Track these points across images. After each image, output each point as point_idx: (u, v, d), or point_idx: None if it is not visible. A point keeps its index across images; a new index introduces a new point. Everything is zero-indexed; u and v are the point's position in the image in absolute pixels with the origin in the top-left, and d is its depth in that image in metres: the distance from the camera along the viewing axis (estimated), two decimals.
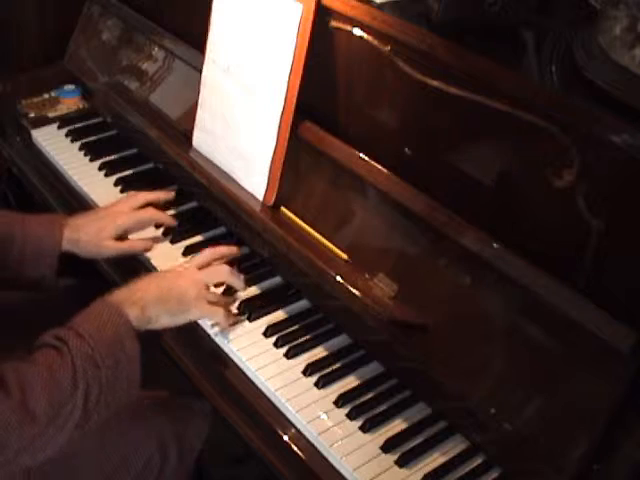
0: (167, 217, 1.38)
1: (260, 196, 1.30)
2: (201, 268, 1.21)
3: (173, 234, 1.38)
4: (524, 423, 0.96)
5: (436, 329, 1.06)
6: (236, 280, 1.22)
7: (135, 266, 1.35)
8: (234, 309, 1.22)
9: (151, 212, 1.36)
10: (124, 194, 1.49)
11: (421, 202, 1.09)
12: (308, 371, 1.13)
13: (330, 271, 1.12)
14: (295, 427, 1.07)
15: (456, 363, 1.04)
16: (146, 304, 1.09)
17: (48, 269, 1.29)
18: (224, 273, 1.21)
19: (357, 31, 1.17)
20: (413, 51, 1.09)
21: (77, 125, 1.69)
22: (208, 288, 1.18)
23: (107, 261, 1.38)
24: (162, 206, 1.45)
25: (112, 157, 1.60)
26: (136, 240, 1.34)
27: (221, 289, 1.24)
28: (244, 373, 1.14)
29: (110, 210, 1.35)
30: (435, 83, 1.06)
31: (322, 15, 1.18)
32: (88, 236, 1.30)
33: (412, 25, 1.11)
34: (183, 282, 1.15)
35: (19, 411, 0.93)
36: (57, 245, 1.28)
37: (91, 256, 1.32)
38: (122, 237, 1.34)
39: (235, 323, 1.20)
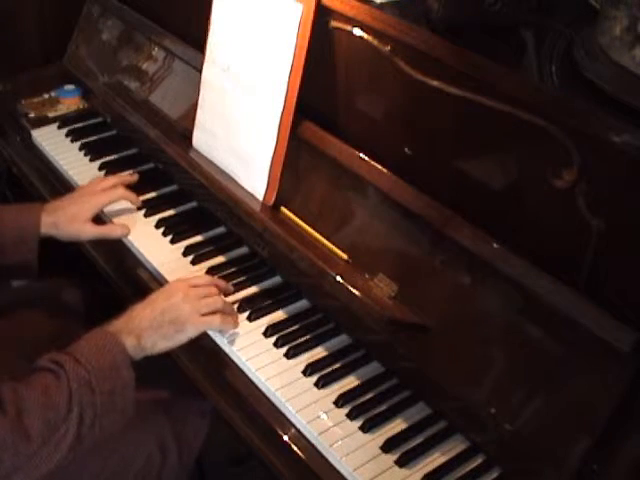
0: (134, 196, 1.43)
1: (260, 196, 1.30)
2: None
3: (173, 234, 1.38)
4: (524, 423, 0.96)
5: (436, 329, 1.06)
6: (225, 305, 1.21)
7: (136, 267, 1.35)
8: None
9: (121, 192, 1.42)
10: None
11: (421, 202, 1.09)
12: (308, 371, 1.13)
13: (330, 271, 1.12)
14: (295, 427, 1.07)
15: (456, 363, 1.04)
16: (141, 333, 1.10)
17: (29, 254, 1.32)
18: (214, 289, 1.21)
19: (357, 31, 1.17)
20: (413, 51, 1.09)
21: (77, 125, 1.69)
22: (201, 300, 1.17)
23: (109, 265, 1.38)
24: (161, 205, 1.45)
25: (112, 157, 1.61)
26: (115, 225, 1.39)
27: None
28: (244, 373, 1.14)
29: (84, 191, 1.40)
30: (435, 83, 1.06)
31: (322, 15, 1.18)
32: (66, 217, 1.33)
33: (412, 25, 1.11)
34: (175, 301, 1.14)
35: (15, 430, 0.94)
36: (36, 229, 1.31)
37: (71, 238, 1.36)
38: (99, 217, 1.38)
39: (236, 324, 1.19)
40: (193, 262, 1.33)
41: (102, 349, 1.05)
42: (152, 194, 1.50)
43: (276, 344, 1.17)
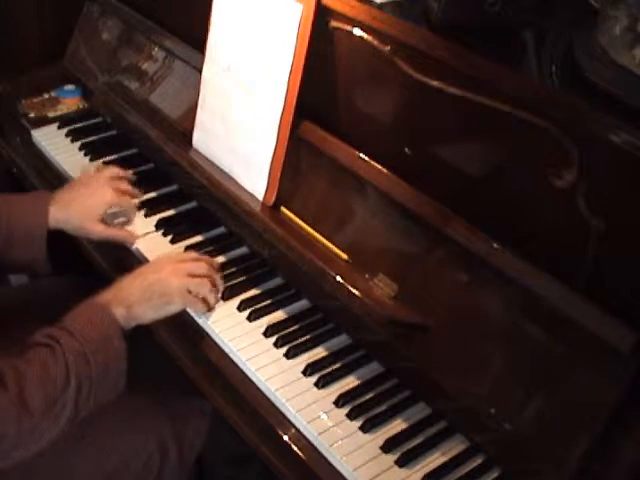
0: (138, 192, 1.43)
1: (260, 196, 1.30)
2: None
3: (173, 234, 1.39)
4: (524, 423, 0.96)
5: (436, 329, 1.06)
6: (215, 276, 1.24)
7: (135, 267, 1.35)
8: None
9: (130, 201, 1.41)
10: None
11: (421, 202, 1.09)
12: (308, 371, 1.13)
13: (330, 271, 1.12)
14: (295, 427, 1.07)
15: (456, 363, 1.04)
16: (131, 303, 1.13)
17: (37, 250, 1.31)
18: (204, 267, 1.23)
19: (357, 31, 1.17)
20: (413, 51, 1.09)
21: (77, 125, 1.69)
22: (190, 277, 1.19)
23: (106, 262, 1.39)
24: (161, 205, 1.45)
25: (112, 157, 1.60)
26: (125, 231, 1.38)
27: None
28: (244, 373, 1.14)
29: (94, 186, 1.37)
30: (435, 83, 1.06)
31: (322, 15, 1.18)
32: (78, 214, 1.33)
33: (412, 25, 1.11)
34: (164, 274, 1.17)
35: (17, 404, 0.97)
36: (44, 224, 1.30)
37: (79, 234, 1.36)
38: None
39: (217, 301, 1.23)
40: None
41: (94, 321, 1.08)
42: (152, 194, 1.50)
43: (276, 344, 1.17)
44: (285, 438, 1.06)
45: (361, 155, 1.17)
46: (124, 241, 1.37)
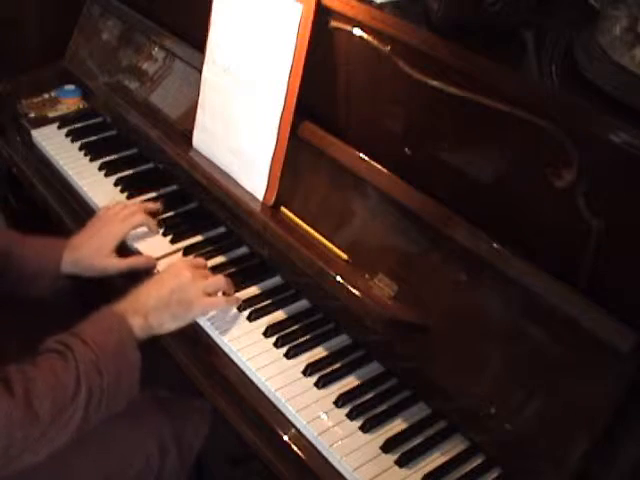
0: (154, 223, 1.39)
1: (260, 196, 1.30)
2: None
3: (173, 234, 1.39)
4: (524, 423, 0.96)
5: (436, 329, 1.06)
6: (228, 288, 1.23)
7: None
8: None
9: (141, 217, 1.36)
10: (124, 194, 1.50)
11: (421, 202, 1.09)
12: (308, 371, 1.13)
13: (330, 271, 1.12)
14: (295, 427, 1.07)
15: (456, 363, 1.04)
16: (148, 312, 1.11)
17: (47, 290, 1.30)
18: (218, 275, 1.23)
19: (357, 31, 1.17)
20: (413, 51, 1.09)
21: (77, 125, 1.69)
22: (206, 280, 1.19)
23: None
24: (162, 206, 1.45)
25: (112, 157, 1.61)
26: (139, 257, 1.33)
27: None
28: (244, 373, 1.14)
29: (104, 221, 1.34)
30: (435, 83, 1.06)
31: (322, 15, 1.18)
32: (89, 253, 1.29)
33: (412, 25, 1.11)
34: (182, 280, 1.16)
35: (23, 410, 0.95)
36: (56, 266, 1.28)
37: (95, 274, 1.31)
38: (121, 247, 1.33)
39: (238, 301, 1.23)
40: None
41: (108, 330, 1.06)
42: (152, 194, 1.51)
43: (276, 344, 1.17)
44: (285, 438, 1.06)
45: (361, 155, 1.17)
46: (145, 266, 1.32)
